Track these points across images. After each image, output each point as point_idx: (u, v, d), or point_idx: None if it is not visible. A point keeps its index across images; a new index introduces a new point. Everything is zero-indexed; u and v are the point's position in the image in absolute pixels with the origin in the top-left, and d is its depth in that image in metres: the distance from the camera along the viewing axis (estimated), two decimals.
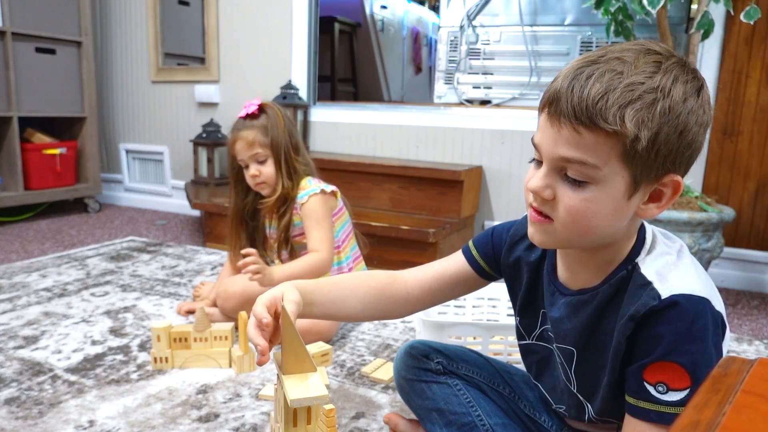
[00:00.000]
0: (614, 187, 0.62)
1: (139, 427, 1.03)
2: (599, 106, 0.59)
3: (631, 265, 0.69)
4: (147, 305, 1.66)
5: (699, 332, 0.62)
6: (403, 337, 1.49)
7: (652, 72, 0.60)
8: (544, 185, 0.65)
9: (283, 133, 1.48)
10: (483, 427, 0.87)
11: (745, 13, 1.72)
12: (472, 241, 0.91)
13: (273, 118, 1.48)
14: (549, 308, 0.78)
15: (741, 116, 2.04)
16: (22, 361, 1.28)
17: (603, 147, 0.60)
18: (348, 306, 0.86)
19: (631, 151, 0.60)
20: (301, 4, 2.71)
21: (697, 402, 0.33)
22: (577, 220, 0.64)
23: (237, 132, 1.48)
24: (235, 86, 2.96)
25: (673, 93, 0.60)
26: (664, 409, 0.63)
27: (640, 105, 0.59)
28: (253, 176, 1.47)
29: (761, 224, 2.05)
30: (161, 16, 3.09)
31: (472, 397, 0.89)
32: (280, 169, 1.48)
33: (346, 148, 2.70)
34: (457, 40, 2.68)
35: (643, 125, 0.59)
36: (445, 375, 0.91)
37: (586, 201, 0.63)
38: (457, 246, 2.24)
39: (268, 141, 1.46)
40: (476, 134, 2.43)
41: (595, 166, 0.61)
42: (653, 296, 0.63)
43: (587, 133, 0.60)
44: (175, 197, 3.23)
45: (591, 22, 2.40)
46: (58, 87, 2.86)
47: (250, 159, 1.47)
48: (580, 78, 0.61)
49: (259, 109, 1.49)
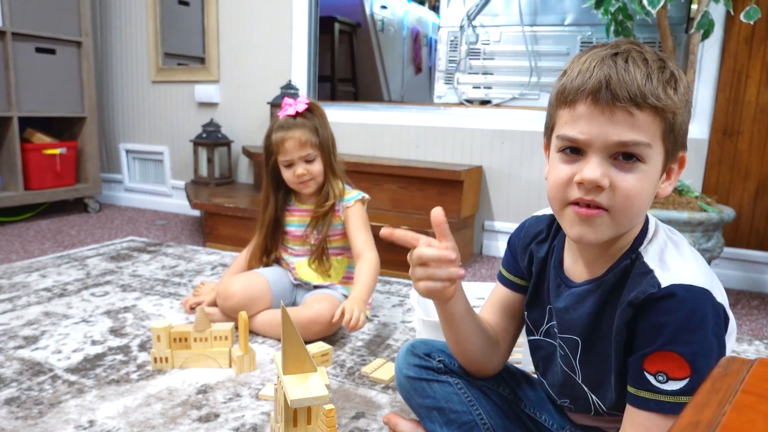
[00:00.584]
0: (657, 166, 0.67)
1: (139, 427, 1.03)
2: (648, 87, 0.63)
3: (634, 254, 0.70)
4: (147, 305, 1.66)
5: (699, 322, 0.62)
6: (403, 337, 1.49)
7: (655, 55, 0.66)
8: (602, 173, 0.65)
9: (329, 133, 1.51)
10: (483, 426, 0.87)
11: (745, 13, 1.72)
12: (501, 265, 0.93)
13: (321, 117, 1.50)
14: (554, 301, 0.79)
15: (741, 116, 2.04)
16: (22, 361, 1.28)
17: (651, 125, 0.64)
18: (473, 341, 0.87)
19: (671, 127, 0.65)
20: (301, 4, 2.71)
21: (697, 402, 0.33)
22: (634, 203, 0.66)
23: (286, 131, 1.46)
24: (235, 86, 2.96)
25: (682, 75, 0.67)
26: (663, 398, 0.64)
27: (674, 84, 0.65)
28: (300, 175, 1.47)
29: (761, 224, 2.06)
30: (161, 16, 3.09)
31: (473, 397, 0.90)
32: (329, 169, 1.51)
33: (346, 148, 2.70)
34: (457, 40, 2.68)
35: (681, 100, 0.65)
36: (446, 374, 0.92)
37: (641, 181, 0.65)
38: (457, 246, 2.24)
39: (318, 141, 1.47)
40: (476, 134, 2.43)
41: (648, 145, 0.65)
42: (653, 284, 0.65)
43: (640, 114, 0.63)
44: (175, 197, 3.23)
45: (591, 22, 2.40)
46: (58, 87, 2.86)
47: (301, 158, 1.47)
48: (618, 65, 0.64)
49: (308, 106, 1.49)
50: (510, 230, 2.44)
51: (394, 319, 1.62)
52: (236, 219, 2.32)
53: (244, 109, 2.94)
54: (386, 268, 2.08)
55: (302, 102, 1.48)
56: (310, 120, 1.48)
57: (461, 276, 0.75)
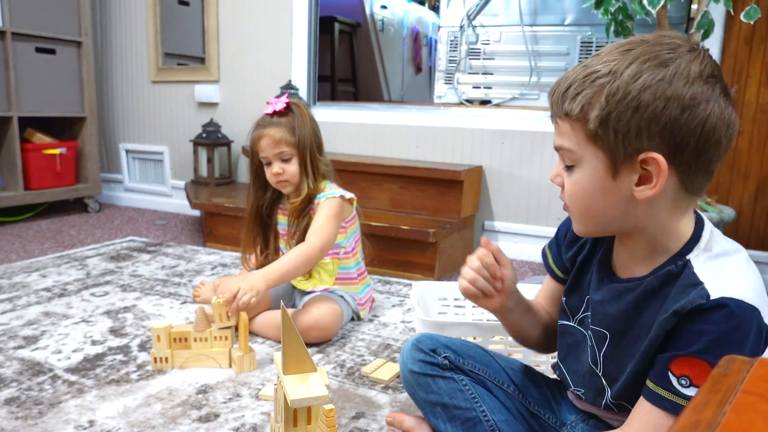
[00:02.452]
0: (594, 168, 0.69)
1: (139, 427, 1.03)
2: (563, 98, 0.69)
3: (682, 261, 0.69)
4: (147, 305, 1.66)
5: (740, 338, 0.61)
6: (403, 337, 1.49)
7: (614, 59, 0.66)
8: (555, 174, 0.75)
9: (309, 133, 1.47)
10: (487, 423, 0.88)
11: (745, 13, 1.72)
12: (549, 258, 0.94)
13: (300, 117, 1.46)
14: (594, 293, 0.80)
15: (741, 116, 2.03)
16: (22, 361, 1.28)
17: (572, 132, 0.69)
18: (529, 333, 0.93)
19: (593, 132, 0.67)
20: (301, 4, 2.71)
21: (697, 402, 0.33)
22: (574, 202, 0.73)
23: (263, 129, 1.45)
24: (235, 86, 2.96)
25: (624, 74, 0.64)
26: (679, 401, 0.64)
27: (590, 91, 0.66)
28: (276, 174, 1.46)
29: (761, 224, 2.05)
30: (161, 16, 3.09)
31: (477, 394, 0.90)
32: (305, 168, 1.47)
33: (346, 148, 2.70)
34: (457, 40, 2.68)
35: (590, 107, 0.66)
36: (451, 370, 0.92)
37: (575, 183, 0.71)
38: (457, 246, 2.24)
39: (295, 140, 1.44)
40: (476, 134, 2.43)
41: (571, 150, 0.70)
42: (702, 295, 0.63)
43: (562, 123, 0.71)
44: (175, 197, 3.23)
45: (591, 22, 2.40)
46: (58, 87, 2.86)
47: (275, 157, 1.45)
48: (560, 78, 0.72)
49: (287, 106, 1.47)
50: (510, 230, 2.45)
51: (394, 319, 1.62)
52: (236, 219, 2.32)
53: (244, 109, 2.94)
54: (386, 268, 2.09)
55: (282, 100, 1.47)
56: (288, 118, 1.46)
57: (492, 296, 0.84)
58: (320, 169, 1.50)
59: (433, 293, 1.39)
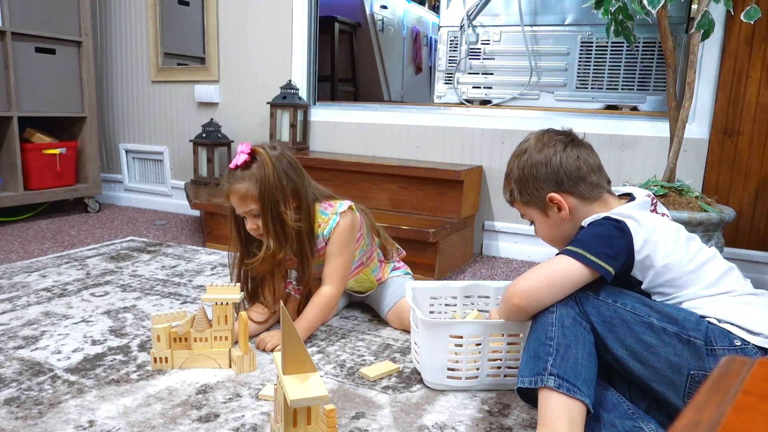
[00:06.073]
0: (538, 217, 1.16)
1: (139, 427, 1.03)
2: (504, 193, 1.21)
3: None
4: (147, 305, 1.66)
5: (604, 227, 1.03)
6: (403, 337, 1.49)
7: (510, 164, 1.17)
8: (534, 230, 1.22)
9: (273, 184, 1.34)
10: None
11: (745, 13, 1.72)
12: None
13: (264, 167, 1.34)
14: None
15: (741, 116, 2.04)
16: (22, 361, 1.28)
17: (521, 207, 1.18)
18: None
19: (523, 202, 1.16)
20: (301, 4, 2.71)
21: (697, 402, 0.33)
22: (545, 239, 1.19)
23: (230, 185, 1.36)
24: (235, 86, 2.96)
25: (515, 169, 1.15)
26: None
27: (506, 183, 1.18)
28: (252, 229, 1.40)
29: (761, 224, 2.05)
30: (161, 16, 3.09)
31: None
32: (267, 226, 1.36)
33: (346, 148, 2.70)
34: (457, 40, 2.68)
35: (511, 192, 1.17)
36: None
37: (538, 230, 1.18)
38: (457, 246, 2.24)
39: (257, 194, 1.34)
40: (476, 134, 2.43)
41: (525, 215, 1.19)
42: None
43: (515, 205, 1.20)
44: (175, 197, 3.23)
45: (591, 22, 2.40)
46: (58, 87, 2.86)
47: (246, 214, 1.38)
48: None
49: (249, 157, 1.36)
50: (510, 230, 2.45)
51: None
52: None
53: (244, 109, 2.94)
54: None
55: (244, 152, 1.36)
56: (252, 171, 1.34)
57: None
58: (290, 223, 1.37)
59: (424, 292, 1.39)
